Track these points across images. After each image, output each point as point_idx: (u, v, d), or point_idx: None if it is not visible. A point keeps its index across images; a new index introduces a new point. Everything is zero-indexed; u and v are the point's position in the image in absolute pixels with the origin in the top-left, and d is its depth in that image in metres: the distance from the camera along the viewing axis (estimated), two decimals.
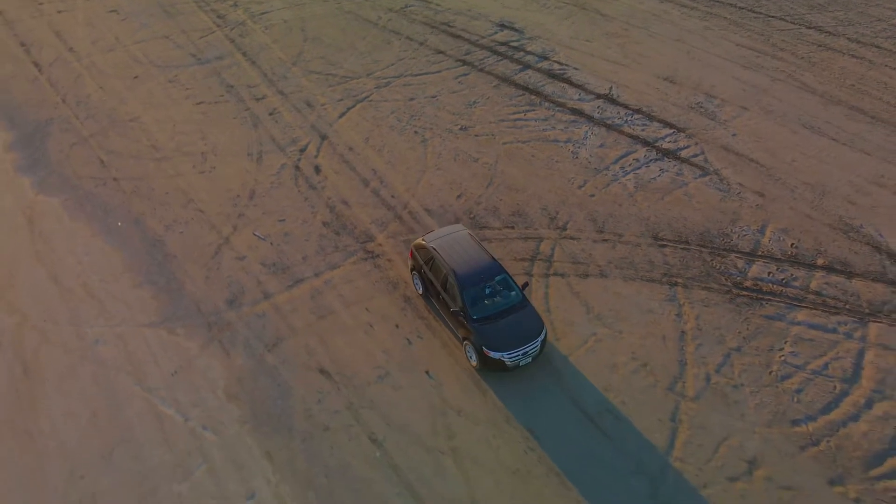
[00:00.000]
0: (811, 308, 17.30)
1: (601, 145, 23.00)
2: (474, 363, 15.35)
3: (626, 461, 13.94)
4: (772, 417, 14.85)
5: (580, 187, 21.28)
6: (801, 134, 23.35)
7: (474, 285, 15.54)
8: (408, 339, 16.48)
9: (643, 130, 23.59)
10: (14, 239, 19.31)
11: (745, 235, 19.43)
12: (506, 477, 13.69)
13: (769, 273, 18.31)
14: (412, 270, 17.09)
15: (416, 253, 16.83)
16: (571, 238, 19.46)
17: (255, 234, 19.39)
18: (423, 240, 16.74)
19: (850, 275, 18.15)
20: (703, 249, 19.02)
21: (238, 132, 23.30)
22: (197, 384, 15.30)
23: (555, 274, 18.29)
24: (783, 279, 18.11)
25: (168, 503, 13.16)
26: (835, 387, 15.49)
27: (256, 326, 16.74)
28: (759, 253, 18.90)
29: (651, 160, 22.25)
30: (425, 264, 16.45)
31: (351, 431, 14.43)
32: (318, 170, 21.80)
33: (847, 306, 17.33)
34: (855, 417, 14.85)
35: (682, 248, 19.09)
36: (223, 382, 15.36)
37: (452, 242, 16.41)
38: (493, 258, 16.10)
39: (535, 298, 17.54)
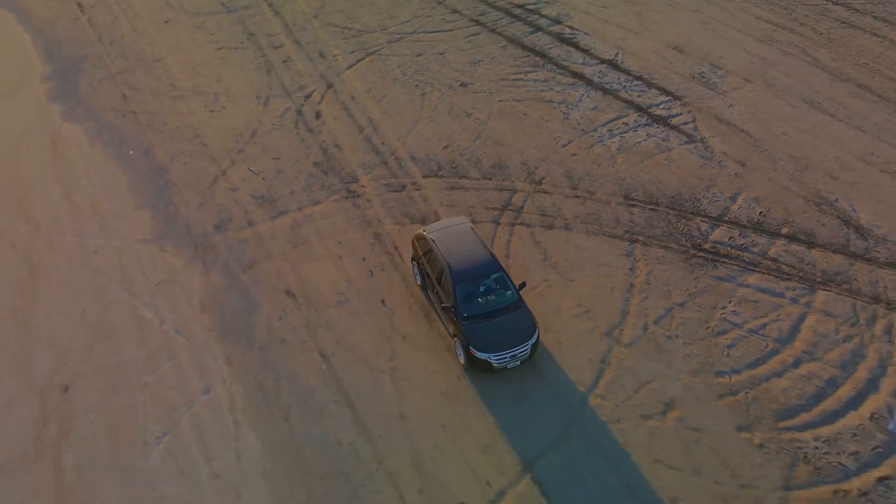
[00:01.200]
0: (764, 273, 17.77)
1: (594, 108, 23.53)
2: (462, 361, 15.06)
3: (549, 393, 14.99)
4: (698, 367, 15.60)
5: (564, 146, 21.98)
6: (800, 108, 23.32)
7: (468, 281, 15.08)
8: (371, 272, 17.79)
9: (639, 97, 23.97)
10: (38, 159, 21.40)
11: (715, 201, 19.87)
12: (435, 397, 14.96)
13: (730, 238, 18.78)
14: (412, 260, 16.76)
15: (416, 243, 16.44)
16: (544, 192, 20.28)
17: (250, 170, 20.93)
18: (423, 230, 16.33)
19: (811, 245, 18.46)
20: (670, 211, 19.59)
21: (251, 77, 24.77)
22: (176, 295, 17.02)
23: (521, 224, 19.22)
24: (743, 244, 18.58)
25: (135, 391, 14.95)
26: (767, 345, 16.08)
27: (237, 250, 18.32)
28: (726, 219, 19.35)
29: (640, 125, 22.70)
30: (423, 255, 16.02)
31: (304, 346, 15.91)
32: (318, 115, 23.10)
33: (800, 274, 17.73)
34: (779, 374, 15.46)
35: (650, 209, 19.69)
36: (199, 295, 17.03)
37: (452, 235, 15.87)
38: (491, 254, 15.57)
39: (498, 245, 18.56)
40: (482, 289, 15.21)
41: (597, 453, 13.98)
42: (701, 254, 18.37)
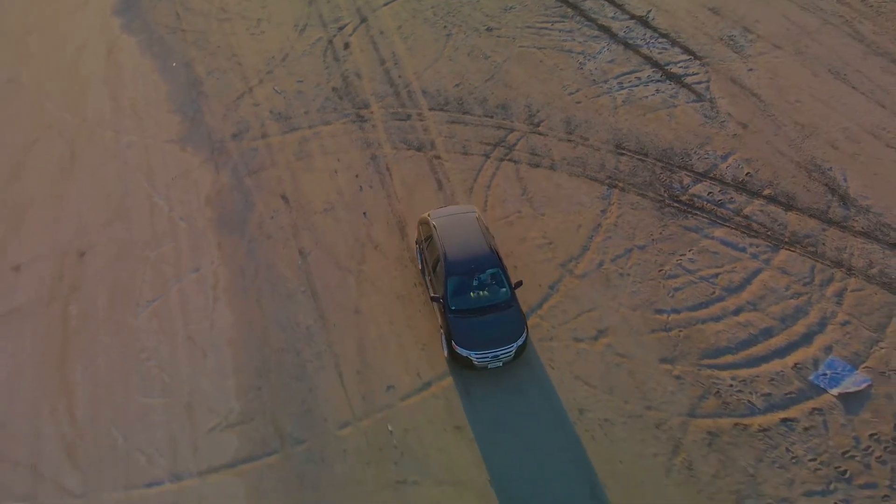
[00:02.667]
0: (732, 228, 18.26)
1: (611, 61, 23.99)
2: (445, 354, 14.89)
3: None
4: (640, 303, 16.51)
5: (570, 94, 22.68)
6: (823, 78, 23.03)
7: (462, 274, 14.69)
8: (360, 187, 19.41)
9: (660, 54, 24.20)
10: (95, 64, 23.96)
11: (705, 158, 20.27)
12: (391, 299, 16.57)
13: (709, 193, 19.26)
14: (416, 243, 16.60)
15: (420, 227, 16.23)
16: (539, 134, 21.21)
17: (274, 89, 22.77)
18: (428, 214, 16.04)
19: (789, 207, 18.73)
20: (657, 163, 20.17)
21: (294, 6, 26.44)
22: (187, 189, 19.20)
23: (509, 160, 20.30)
24: (720, 200, 19.04)
25: (138, 263, 17.28)
26: (714, 292, 16.76)
27: (247, 156, 20.31)
28: (711, 175, 19.78)
29: (652, 81, 23.06)
30: (424, 240, 15.75)
31: (287, 243, 17.80)
32: (346, 46, 24.60)
33: (769, 233, 18.12)
34: (717, 318, 16.18)
35: (638, 159, 20.33)
36: (207, 191, 19.15)
37: (455, 223, 15.47)
38: (491, 249, 15.10)
39: (482, 177, 19.74)
40: (475, 283, 14.75)
41: (524, 365, 15.27)
42: (676, 204, 18.98)
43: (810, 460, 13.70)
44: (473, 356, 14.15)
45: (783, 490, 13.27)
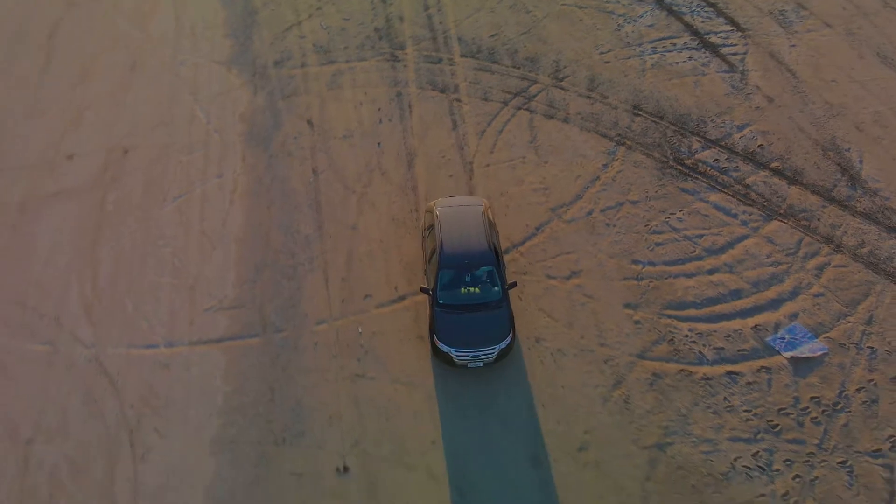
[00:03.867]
0: (729, 195, 18.54)
1: (651, 25, 24.10)
2: (430, 348, 14.67)
3: None
4: (618, 252, 17.20)
5: (601, 53, 23.05)
6: (868, 61, 22.49)
7: (454, 268, 14.43)
8: (380, 119, 20.70)
9: (702, 22, 24.11)
10: None
11: (721, 127, 20.41)
12: (386, 221, 17.92)
13: (715, 160, 19.50)
14: (421, 231, 16.55)
15: (426, 215, 16.11)
16: (561, 88, 21.81)
17: (321, 25, 24.18)
18: (434, 203, 15.89)
19: (793, 182, 18.79)
20: (671, 126, 20.47)
21: None
22: (226, 105, 21.01)
23: (526, 109, 21.06)
24: (724, 168, 19.26)
25: (172, 164, 19.27)
26: (693, 251, 17.25)
27: (284, 82, 21.90)
28: (722, 143, 19.96)
29: (687, 48, 23.10)
30: (427, 229, 15.55)
31: (304, 162, 19.37)
32: None
33: (765, 203, 18.30)
34: (690, 275, 16.71)
35: (652, 121, 20.68)
36: (242, 109, 20.91)
37: (459, 215, 15.15)
38: (489, 246, 14.70)
39: (497, 122, 20.61)
40: (467, 278, 14.45)
41: None
42: (679, 167, 19.33)
43: (745, 411, 14.27)
44: (453, 353, 13.86)
45: (710, 432, 13.94)
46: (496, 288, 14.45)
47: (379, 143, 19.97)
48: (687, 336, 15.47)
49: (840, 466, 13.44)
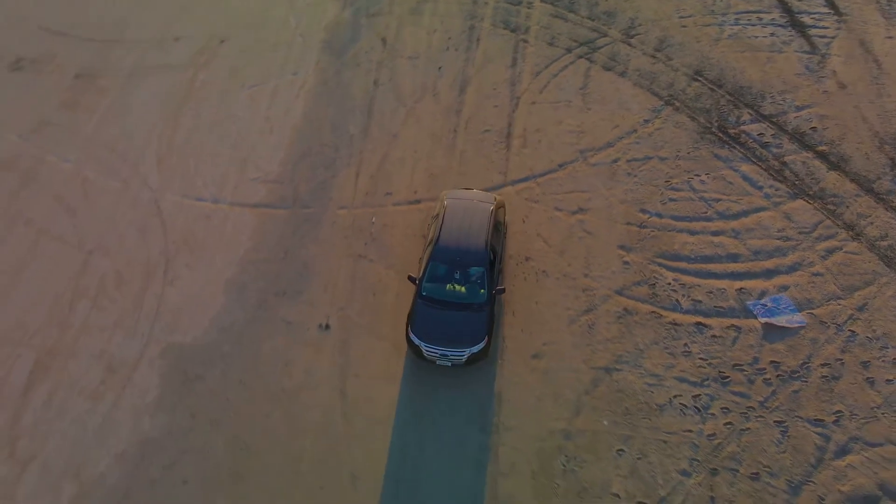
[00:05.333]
0: (762, 168, 18.60)
1: None
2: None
3: (497, 169, 18.67)
4: (630, 200, 17.90)
5: (681, 17, 23.14)
6: None
7: (445, 263, 14.30)
8: (448, 47, 22.11)
9: (799, 1, 23.53)
10: None
11: (779, 104, 20.24)
12: (425, 135, 19.51)
13: (760, 134, 19.48)
14: (431, 217, 16.33)
15: (437, 203, 15.99)
16: (628, 44, 22.24)
17: None
18: (445, 193, 15.86)
19: (834, 167, 18.53)
20: (726, 96, 20.52)
21: None
22: (315, 15, 23.18)
23: (586, 58, 21.75)
24: (767, 143, 19.24)
25: (256, 56, 21.70)
26: (705, 212, 17.64)
27: (372, 2, 23.72)
28: (774, 120, 19.85)
29: (772, 24, 22.73)
30: (434, 218, 15.52)
31: (368, 73, 21.24)
32: None
33: (796, 182, 18.25)
34: (693, 233, 17.18)
35: (709, 88, 20.80)
36: (328, 20, 22.98)
37: (466, 209, 14.97)
38: (486, 247, 14.40)
39: (555, 66, 21.46)
40: (456, 276, 14.27)
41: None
42: (720, 134, 19.50)
43: (700, 358, 14.90)
44: (423, 347, 13.78)
45: (660, 369, 14.73)
46: (482, 291, 14.12)
47: (440, 68, 21.43)
48: (669, 284, 16.11)
49: (775, 425, 13.88)
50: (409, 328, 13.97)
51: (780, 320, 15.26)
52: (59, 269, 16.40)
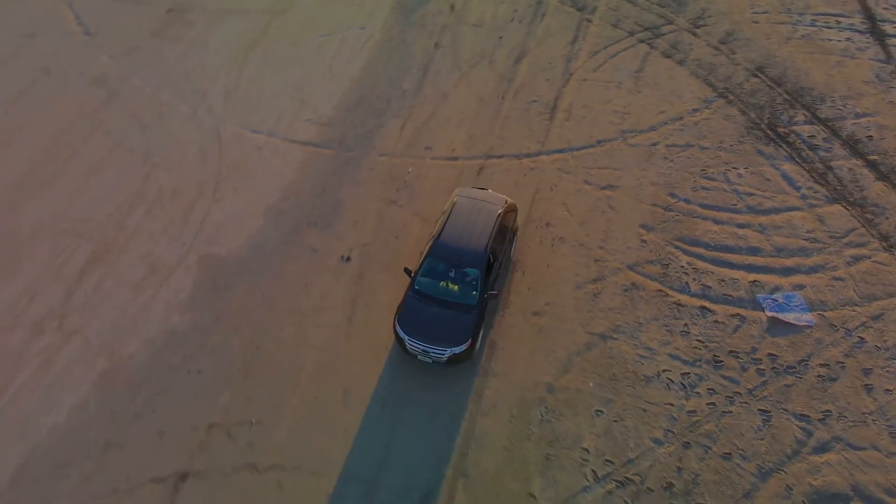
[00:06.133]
0: (805, 169, 18.41)
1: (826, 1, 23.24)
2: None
3: (535, 140, 19.24)
4: (661, 183, 18.14)
5: (754, 13, 22.87)
6: None
7: (442, 260, 14.33)
8: (512, 18, 22.72)
9: (885, 9, 22.83)
10: None
11: (838, 109, 19.86)
12: (474, 98, 20.28)
13: (811, 136, 19.22)
14: (441, 213, 16.06)
15: (449, 200, 15.88)
16: (693, 34, 22.21)
17: None
18: (458, 190, 15.92)
19: (883, 178, 18.15)
20: (784, 95, 20.29)
21: None
22: None
23: (647, 43, 21.89)
24: (816, 145, 18.98)
25: (330, 10, 22.99)
26: (735, 204, 17.69)
27: None
28: (829, 124, 19.52)
29: (850, 29, 22.18)
30: (443, 213, 15.47)
31: (431, 36, 22.15)
32: None
33: (838, 187, 17.99)
34: (718, 222, 17.28)
35: (768, 85, 20.59)
36: None
37: (473, 209, 14.96)
38: (486, 250, 14.33)
39: (613, 47, 21.71)
40: (451, 274, 14.29)
41: (530, 174, 18.25)
42: (768, 132, 19.36)
43: (697, 340, 15.16)
44: (406, 340, 13.91)
45: (655, 344, 15.10)
46: (474, 293, 14.07)
47: (501, 37, 22.09)
48: (682, 267, 16.35)
49: (759, 413, 14.04)
50: (396, 319, 14.12)
51: (788, 317, 15.28)
52: (126, 176, 18.26)
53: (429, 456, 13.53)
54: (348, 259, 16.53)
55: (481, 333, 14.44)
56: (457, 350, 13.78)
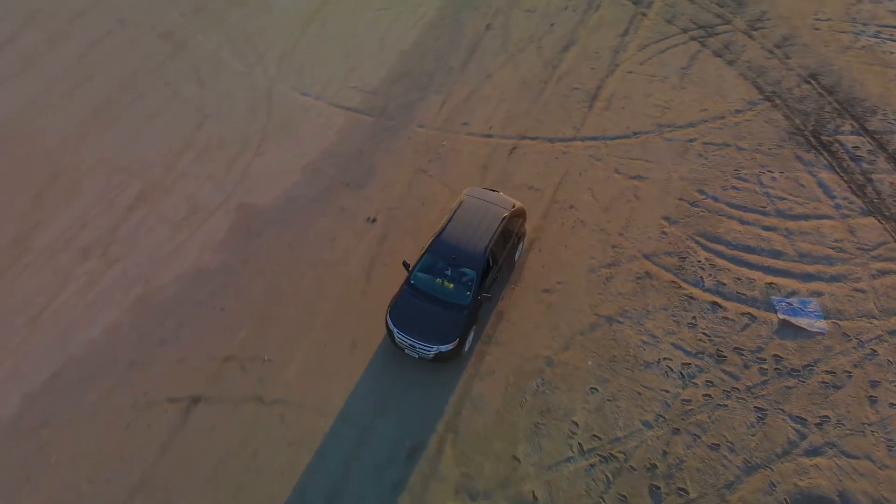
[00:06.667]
0: (844, 179, 18.18)
1: (894, 11, 22.67)
2: None
3: (569, 123, 19.56)
4: (691, 179, 18.22)
5: (817, 19, 22.50)
6: None
7: (440, 257, 14.37)
8: (566, 7, 22.99)
9: None
10: None
11: (889, 123, 19.48)
12: (516, 80, 20.74)
13: (855, 147, 18.92)
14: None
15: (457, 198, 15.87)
16: (749, 36, 22.03)
17: None
18: (467, 190, 15.93)
19: None
20: (834, 104, 19.98)
21: None
22: None
23: (700, 42, 21.85)
24: (859, 157, 18.68)
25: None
26: (764, 206, 17.64)
27: None
28: (877, 136, 19.16)
29: None
30: (448, 211, 15.41)
31: (484, 18, 22.70)
32: None
33: (875, 200, 17.71)
34: (743, 222, 17.30)
35: (819, 92, 20.31)
36: None
37: (479, 211, 14.97)
38: (485, 251, 14.27)
39: (664, 43, 21.74)
40: (447, 272, 14.35)
41: (560, 156, 18.62)
42: (811, 139, 19.14)
43: (703, 333, 15.30)
44: (395, 333, 14.05)
45: (660, 332, 15.32)
46: (468, 293, 14.10)
47: (552, 24, 22.43)
48: (700, 262, 16.46)
49: (754, 410, 14.13)
50: (388, 311, 14.27)
51: (801, 321, 15.23)
52: (179, 124, 19.54)
53: (424, 410, 14.19)
54: (374, 220, 17.29)
55: (471, 335, 14.46)
56: (443, 348, 13.82)
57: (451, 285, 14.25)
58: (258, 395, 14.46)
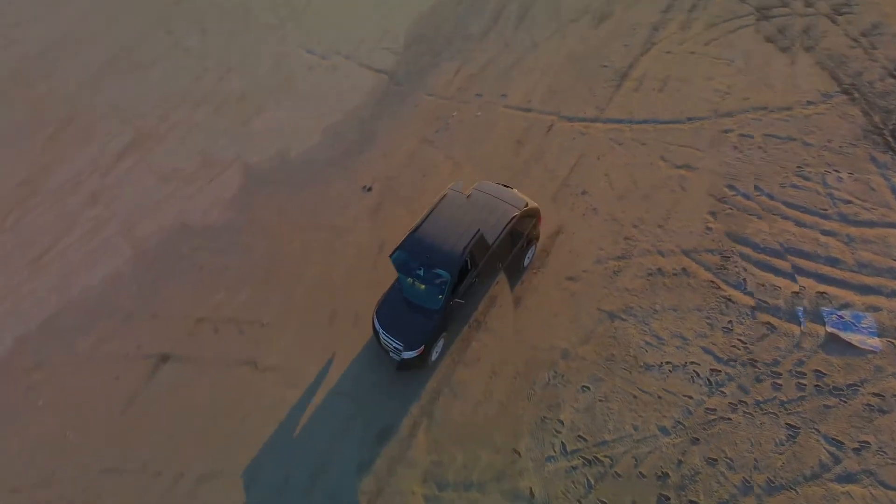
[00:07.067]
0: None
1: None
2: None
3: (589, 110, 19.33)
4: (744, 175, 17.62)
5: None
6: None
7: (412, 254, 13.72)
8: None
9: None
10: None
11: None
12: (555, 56, 20.63)
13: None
14: None
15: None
16: (832, 21, 21.07)
17: None
18: (476, 184, 15.35)
19: None
20: (866, 106, 19.13)
21: None
22: None
23: (752, 27, 21.08)
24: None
25: None
26: (826, 209, 16.86)
27: None
28: None
29: None
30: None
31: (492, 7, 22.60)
32: None
33: None
34: (799, 223, 16.54)
35: (848, 95, 19.45)
36: None
37: (473, 208, 14.38)
38: (462, 254, 13.41)
39: (732, 24, 21.25)
40: (420, 272, 13.65)
41: (590, 138, 18.48)
42: (888, 139, 18.41)
43: (738, 339, 14.92)
44: (380, 333, 13.72)
45: (690, 333, 14.99)
46: (440, 297, 13.36)
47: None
48: (744, 268, 15.63)
49: (785, 427, 13.70)
50: (376, 308, 13.95)
51: (851, 337, 14.76)
52: (202, 76, 20.13)
53: (418, 390, 14.38)
54: (370, 189, 17.54)
55: (440, 343, 13.79)
56: (406, 355, 13.28)
57: (423, 287, 13.49)
58: (251, 359, 14.89)
